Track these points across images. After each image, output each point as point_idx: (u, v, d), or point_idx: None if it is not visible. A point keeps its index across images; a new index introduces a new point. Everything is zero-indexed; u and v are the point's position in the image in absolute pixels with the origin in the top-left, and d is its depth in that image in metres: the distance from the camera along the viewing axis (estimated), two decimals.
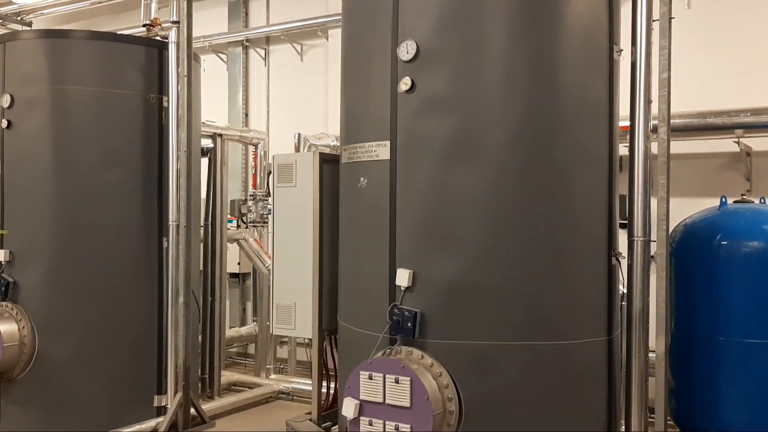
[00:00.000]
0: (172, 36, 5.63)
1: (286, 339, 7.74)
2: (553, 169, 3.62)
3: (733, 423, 4.03)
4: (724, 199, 4.42)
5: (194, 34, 5.73)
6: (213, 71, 8.94)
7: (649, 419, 3.87)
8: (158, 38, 5.85)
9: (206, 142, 7.06)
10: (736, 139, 5.73)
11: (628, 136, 3.87)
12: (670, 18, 3.72)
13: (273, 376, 7.40)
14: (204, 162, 6.95)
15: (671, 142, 3.83)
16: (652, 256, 3.81)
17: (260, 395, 6.87)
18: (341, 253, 4.23)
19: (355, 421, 3.53)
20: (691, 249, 4.27)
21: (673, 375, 4.27)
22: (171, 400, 5.70)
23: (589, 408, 3.73)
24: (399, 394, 3.40)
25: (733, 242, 4.09)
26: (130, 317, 5.81)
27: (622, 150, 4.01)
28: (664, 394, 3.85)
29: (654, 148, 3.85)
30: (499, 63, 3.60)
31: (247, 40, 8.89)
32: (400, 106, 3.70)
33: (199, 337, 6.75)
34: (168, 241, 5.78)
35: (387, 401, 3.44)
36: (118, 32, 6.59)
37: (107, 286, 5.71)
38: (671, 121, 3.87)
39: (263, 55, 8.88)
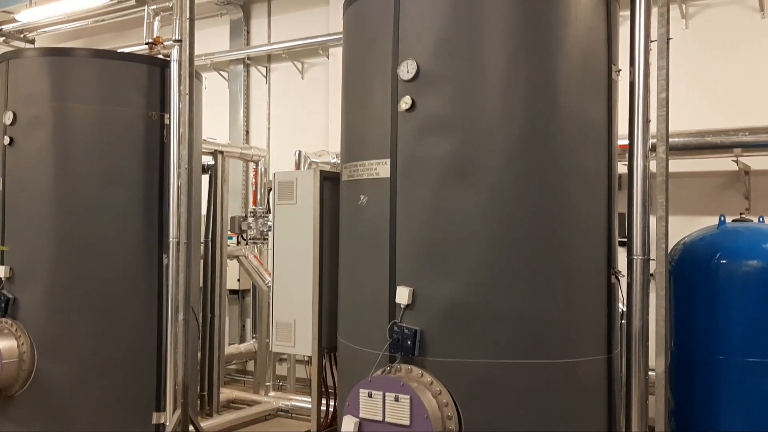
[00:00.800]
0: (174, 54, 5.66)
1: (285, 356, 7.72)
2: (552, 189, 3.64)
3: None
4: (723, 218, 4.43)
5: (196, 52, 5.76)
6: (214, 89, 8.99)
7: None
8: (160, 56, 5.90)
9: (207, 159, 7.10)
10: (735, 158, 5.76)
11: (626, 155, 3.89)
12: (668, 39, 3.75)
13: (272, 393, 7.38)
14: (205, 179, 6.97)
15: (670, 161, 3.85)
16: (651, 275, 3.82)
17: (259, 413, 6.84)
18: (341, 270, 4.24)
19: None
20: (691, 268, 4.28)
21: (673, 394, 4.26)
22: (170, 418, 5.67)
23: (589, 427, 3.71)
24: (398, 412, 3.40)
25: (732, 261, 4.09)
26: (129, 334, 5.80)
27: (621, 169, 4.03)
28: (665, 413, 3.84)
29: (653, 166, 3.87)
30: (498, 84, 3.63)
31: (248, 58, 8.95)
32: (401, 125, 3.73)
33: (199, 354, 6.74)
34: (168, 257, 5.78)
35: (386, 419, 3.43)
36: (121, 50, 6.63)
37: (107, 304, 5.70)
38: (670, 140, 3.90)
39: (264, 73, 8.94)
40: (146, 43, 5.79)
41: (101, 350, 5.67)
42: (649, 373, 3.83)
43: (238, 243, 7.80)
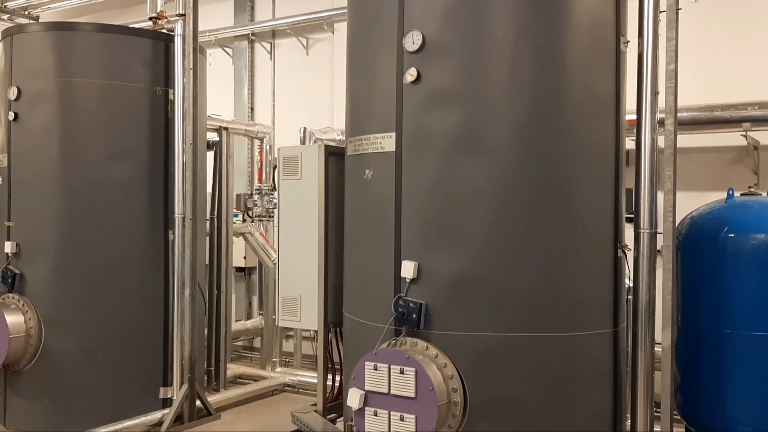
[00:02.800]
0: (178, 29, 5.63)
1: (291, 333, 7.75)
2: (560, 162, 3.61)
3: (739, 417, 4.01)
4: (731, 192, 4.39)
5: (200, 27, 5.73)
6: (219, 65, 8.94)
7: (655, 413, 3.86)
8: (164, 31, 5.86)
9: (212, 136, 7.08)
10: (744, 133, 5.70)
11: (634, 130, 3.86)
12: (678, 9, 3.71)
13: (279, 369, 7.41)
14: (210, 156, 6.96)
15: (678, 136, 3.82)
16: (658, 250, 3.80)
17: (266, 388, 6.88)
18: (346, 245, 4.23)
19: (360, 411, 3.53)
20: (698, 242, 4.25)
21: (679, 369, 4.26)
22: (176, 392, 5.71)
23: (594, 401, 3.72)
24: (404, 384, 3.40)
25: (740, 235, 4.06)
26: (136, 309, 5.83)
27: (629, 144, 3.99)
28: (670, 388, 3.84)
29: (661, 141, 3.83)
30: (505, 55, 3.59)
31: (252, 34, 8.89)
32: (406, 98, 3.69)
33: (205, 330, 6.77)
34: (174, 233, 5.80)
35: (392, 392, 3.44)
36: (125, 25, 6.59)
37: (113, 279, 5.73)
38: (678, 114, 3.86)
39: (269, 49, 8.88)
40: (150, 18, 5.76)
41: (108, 325, 5.70)
42: (655, 347, 3.82)
43: (244, 220, 7.81)
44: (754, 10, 6.11)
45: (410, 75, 3.64)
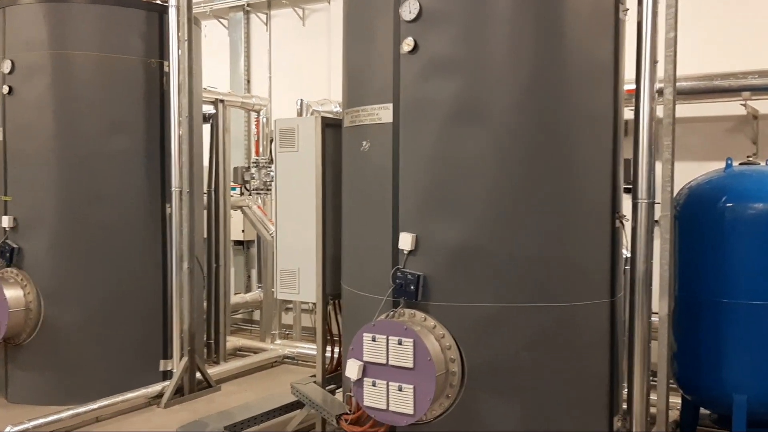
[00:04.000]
0: None
1: (291, 305, 7.78)
2: (559, 131, 3.58)
3: (736, 385, 4.04)
4: (729, 161, 4.37)
5: None
6: (214, 37, 8.85)
7: (652, 382, 3.89)
8: (159, 2, 5.79)
9: (208, 109, 7.03)
10: (743, 102, 5.66)
11: (632, 101, 3.83)
12: None
13: (278, 341, 7.45)
14: (206, 129, 6.92)
15: (678, 106, 3.78)
16: (656, 220, 3.79)
17: (265, 360, 6.93)
18: (344, 217, 4.22)
19: (359, 382, 3.55)
20: (696, 211, 4.24)
21: (676, 338, 4.28)
22: (177, 365, 5.76)
23: (591, 370, 3.74)
24: (402, 355, 3.42)
25: (738, 204, 4.05)
26: (135, 283, 5.85)
27: (627, 115, 3.96)
28: (667, 356, 3.86)
29: (659, 110, 3.80)
30: (504, 23, 3.54)
31: (248, 5, 8.79)
32: (403, 68, 3.66)
33: (204, 304, 6.79)
34: (171, 207, 5.79)
35: (390, 362, 3.46)
36: None
37: (112, 253, 5.74)
38: (677, 84, 3.82)
39: (265, 20, 8.79)
40: None
41: (107, 298, 5.72)
42: (652, 317, 3.83)
43: (242, 194, 7.79)
44: None
45: (407, 45, 3.60)
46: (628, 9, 3.85)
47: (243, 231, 8.45)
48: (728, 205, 4.07)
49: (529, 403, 3.57)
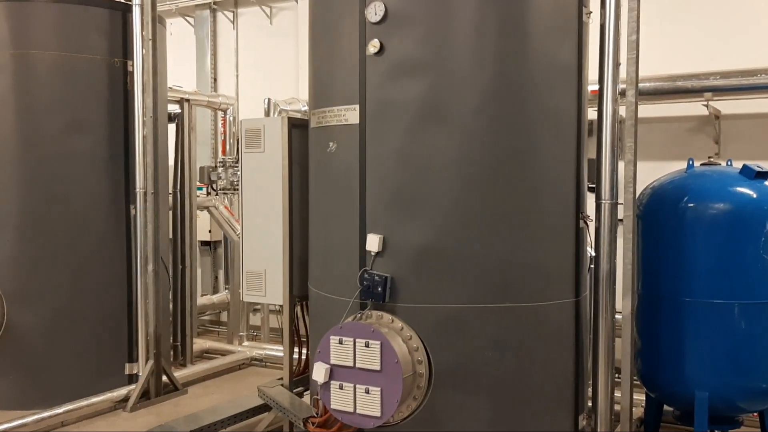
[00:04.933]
0: None
1: (258, 306, 7.73)
2: (523, 133, 3.61)
3: (697, 382, 4.10)
4: (691, 162, 4.44)
5: None
6: (180, 35, 8.75)
7: (616, 380, 3.94)
8: (122, 1, 5.71)
9: (173, 108, 6.94)
10: (706, 103, 5.76)
11: (596, 102, 3.87)
12: None
13: (246, 343, 7.41)
14: (171, 128, 6.84)
15: (641, 106, 3.83)
16: (620, 219, 3.84)
17: (233, 362, 6.88)
18: (311, 218, 4.21)
19: (326, 385, 3.54)
20: (659, 211, 4.30)
21: (639, 336, 4.34)
22: (142, 368, 5.69)
23: (557, 369, 3.77)
24: (369, 357, 3.41)
25: (699, 204, 4.12)
26: (99, 285, 5.76)
27: (591, 115, 4.01)
28: (631, 354, 3.92)
29: (622, 111, 3.85)
30: (468, 25, 3.56)
31: (214, 3, 8.70)
32: (369, 70, 3.65)
33: (171, 306, 6.72)
34: (136, 208, 5.72)
35: (357, 365, 3.45)
36: None
37: (75, 254, 5.65)
38: (641, 84, 3.88)
39: (231, 18, 8.71)
40: None
41: (71, 301, 5.64)
42: (616, 315, 3.89)
43: (208, 193, 7.71)
44: None
45: (373, 46, 3.59)
46: (591, 12, 3.89)
47: (210, 231, 8.38)
48: (689, 205, 4.14)
49: (495, 403, 3.59)
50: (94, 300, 5.73)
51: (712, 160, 4.59)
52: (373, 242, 3.61)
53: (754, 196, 4.09)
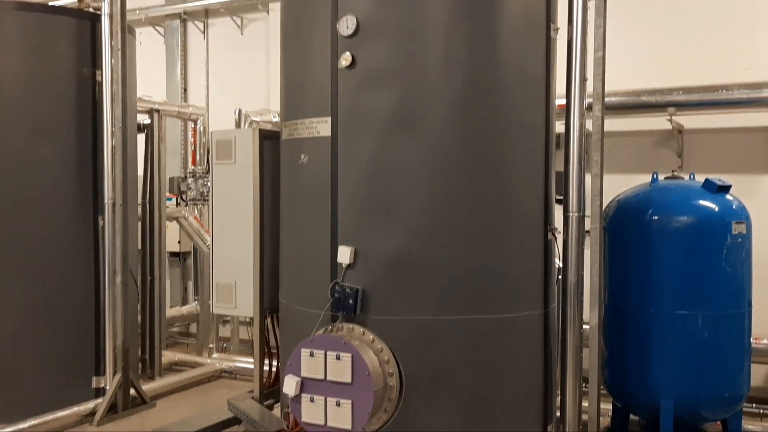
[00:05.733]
0: (105, 7, 5.45)
1: (228, 318, 7.67)
2: (493, 144, 3.66)
3: (663, 391, 4.18)
4: (655, 176, 4.55)
5: (129, 5, 5.56)
6: (150, 45, 8.69)
7: (583, 389, 4.00)
8: (90, 10, 5.66)
9: (143, 118, 6.88)
10: (669, 117, 5.89)
11: (564, 114, 3.94)
12: None
13: (215, 355, 7.34)
14: (141, 138, 6.78)
15: (607, 120, 3.91)
16: (587, 231, 3.91)
17: (202, 374, 6.81)
18: (282, 230, 4.21)
19: (297, 398, 3.53)
20: (624, 224, 4.39)
21: (606, 346, 4.41)
22: (110, 381, 5.61)
23: (526, 380, 3.82)
24: (340, 370, 3.42)
25: (663, 217, 4.22)
26: (66, 297, 5.68)
27: (559, 128, 4.08)
28: (598, 364, 3.98)
29: (589, 125, 3.93)
30: (439, 38, 3.60)
31: (185, 13, 8.65)
32: (341, 82, 3.67)
33: (139, 317, 6.64)
34: (104, 219, 5.65)
35: (328, 378, 3.45)
36: (49, 3, 6.33)
37: (42, 266, 5.56)
38: (607, 99, 3.96)
39: (202, 29, 8.67)
40: None
41: (36, 314, 5.54)
42: (584, 326, 3.95)
43: (178, 204, 7.65)
44: None
45: (345, 60, 3.62)
46: (559, 28, 3.97)
47: (179, 242, 8.30)
48: (654, 218, 4.23)
49: (465, 414, 3.62)
50: (60, 312, 5.63)
51: (675, 173, 4.70)
52: (344, 254, 3.62)
53: (716, 209, 4.20)
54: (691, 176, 4.64)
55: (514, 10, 3.71)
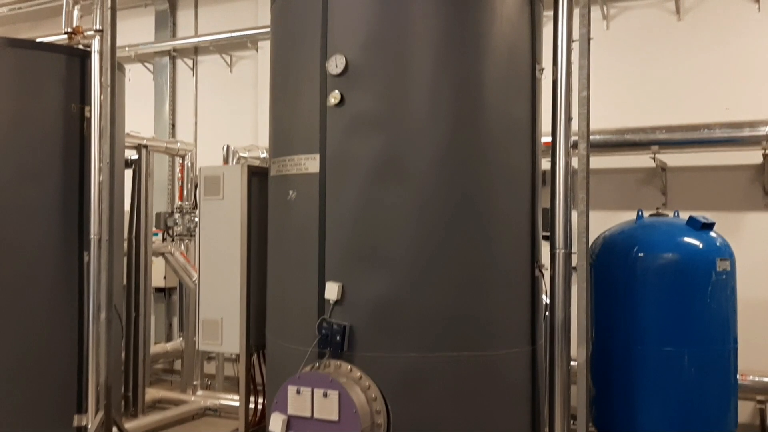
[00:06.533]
0: (95, 45, 5.47)
1: (213, 355, 7.60)
2: (479, 186, 3.69)
3: (650, 429, 4.17)
4: (640, 213, 4.60)
5: (119, 42, 5.59)
6: (139, 81, 8.75)
7: (572, 427, 3.98)
8: (80, 47, 5.69)
9: (130, 153, 6.89)
10: (653, 155, 5.99)
11: (549, 152, 3.99)
12: (589, 39, 3.86)
13: (200, 392, 7.24)
14: (128, 173, 6.77)
15: (592, 158, 3.97)
16: (573, 268, 3.93)
17: (186, 412, 6.71)
18: (270, 266, 4.20)
19: None
20: (610, 261, 4.43)
21: (594, 383, 4.40)
22: (92, 420, 5.50)
23: (514, 417, 3.80)
24: (327, 407, 3.39)
25: (648, 254, 4.25)
26: (48, 334, 5.58)
27: (545, 165, 4.13)
28: (586, 401, 3.97)
29: (574, 163, 3.98)
30: (425, 82, 3.66)
31: (174, 50, 8.75)
32: (330, 120, 3.71)
33: (123, 354, 6.55)
34: (89, 255, 5.61)
35: (315, 415, 3.42)
36: (39, 40, 6.36)
37: (25, 302, 5.48)
38: (591, 137, 4.01)
39: (191, 66, 8.76)
40: (65, 33, 5.58)
41: (18, 351, 5.44)
42: (572, 363, 3.94)
43: (164, 240, 7.62)
44: (661, 37, 6.46)
45: (334, 98, 3.66)
46: (543, 68, 4.04)
47: (165, 278, 8.25)
48: (639, 255, 4.27)
49: None
50: (43, 349, 5.54)
51: (660, 211, 4.75)
52: (332, 290, 3.62)
53: (701, 246, 4.24)
54: (675, 214, 4.69)
55: (500, 54, 3.77)
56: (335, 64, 3.66)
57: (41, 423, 5.50)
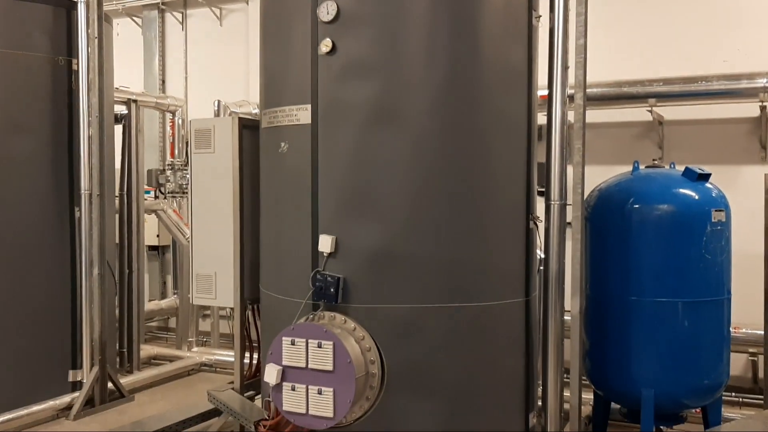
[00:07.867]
0: None
1: (208, 312, 7.61)
2: (474, 134, 3.64)
3: (643, 380, 4.19)
4: (636, 165, 4.55)
5: None
6: (127, 36, 8.58)
7: (565, 379, 4.00)
8: None
9: (120, 109, 6.79)
10: (650, 108, 5.92)
11: (546, 106, 3.93)
12: None
13: (195, 348, 7.27)
14: (118, 130, 6.68)
15: (588, 111, 3.91)
16: (568, 223, 3.90)
17: (182, 368, 6.74)
18: (263, 220, 4.16)
19: (278, 386, 3.49)
20: (605, 213, 4.39)
21: (587, 335, 4.41)
22: (87, 375, 5.54)
23: (507, 368, 3.81)
24: (322, 358, 3.39)
25: (644, 206, 4.22)
26: (42, 290, 5.59)
27: (541, 120, 4.07)
28: (579, 354, 3.98)
29: (570, 115, 3.92)
30: (420, 26, 3.58)
31: (163, 3, 8.55)
32: (321, 69, 3.63)
33: (117, 311, 6.55)
34: (80, 210, 5.57)
35: (310, 366, 3.42)
36: None
37: (16, 257, 5.46)
38: (588, 90, 3.96)
39: (180, 19, 8.58)
40: None
41: (12, 307, 5.45)
42: (565, 315, 3.94)
43: (156, 197, 7.56)
44: None
45: (325, 45, 3.58)
46: (540, 15, 3.96)
47: (158, 236, 8.21)
48: (635, 206, 4.24)
49: (447, 402, 3.60)
50: (37, 305, 5.54)
51: (656, 163, 4.71)
52: (325, 243, 3.59)
53: (696, 197, 4.21)
54: (672, 166, 4.65)
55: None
56: (327, 11, 3.57)
57: (36, 379, 5.53)
